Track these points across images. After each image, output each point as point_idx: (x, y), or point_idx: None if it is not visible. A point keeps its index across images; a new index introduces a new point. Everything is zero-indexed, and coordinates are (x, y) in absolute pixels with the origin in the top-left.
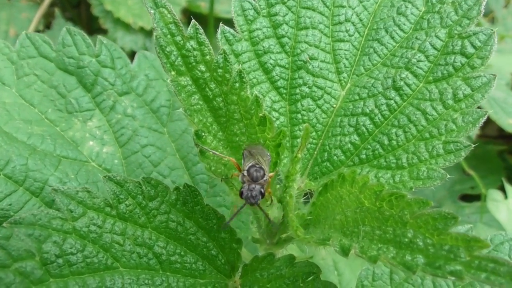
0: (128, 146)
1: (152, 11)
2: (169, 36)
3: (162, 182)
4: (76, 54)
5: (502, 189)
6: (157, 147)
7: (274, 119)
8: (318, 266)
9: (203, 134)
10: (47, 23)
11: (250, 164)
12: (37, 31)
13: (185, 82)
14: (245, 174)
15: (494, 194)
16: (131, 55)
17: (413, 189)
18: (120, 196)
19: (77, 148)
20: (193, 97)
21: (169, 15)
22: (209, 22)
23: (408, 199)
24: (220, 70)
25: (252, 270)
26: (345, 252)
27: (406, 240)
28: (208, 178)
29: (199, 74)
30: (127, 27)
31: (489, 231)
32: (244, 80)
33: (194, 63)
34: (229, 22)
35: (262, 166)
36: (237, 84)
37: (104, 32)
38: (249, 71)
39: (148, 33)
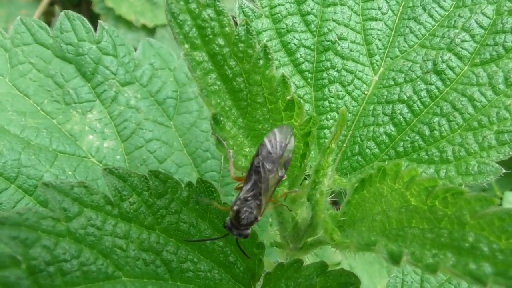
0: (131, 140)
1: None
2: (182, 2)
3: (172, 177)
4: (75, 41)
5: None
6: (163, 142)
7: None
8: (357, 276)
9: (221, 118)
10: (47, 22)
11: (242, 203)
12: None
13: (201, 58)
14: (234, 212)
15: (510, 197)
16: None
17: (462, 186)
18: (123, 192)
19: (76, 143)
20: (209, 76)
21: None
22: None
23: (467, 196)
24: (242, 45)
25: (276, 279)
26: (395, 259)
27: (467, 244)
28: (219, 176)
29: (217, 48)
30: (129, 24)
31: None
32: (269, 57)
33: (211, 36)
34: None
35: (254, 207)
36: (261, 61)
37: None
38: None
39: (150, 31)
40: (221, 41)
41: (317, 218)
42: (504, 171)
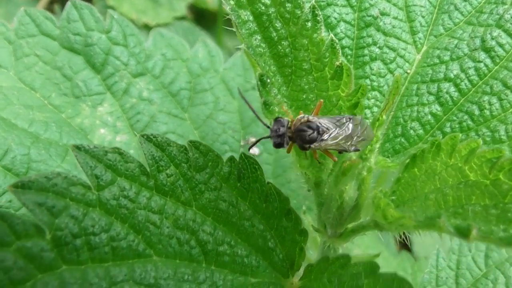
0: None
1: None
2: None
3: (213, 150)
4: (83, 30)
5: None
6: (178, 135)
7: None
8: (410, 284)
9: (268, 80)
10: None
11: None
12: None
13: (246, 17)
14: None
15: None
16: None
17: None
18: (161, 162)
19: (87, 137)
20: (254, 37)
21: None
22: (218, 19)
23: None
24: (289, 5)
25: (319, 272)
26: (463, 233)
27: None
28: None
29: (263, 8)
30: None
31: None
32: (318, 19)
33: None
34: None
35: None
36: (309, 24)
37: None
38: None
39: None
40: (267, 0)
41: (363, 199)
42: None
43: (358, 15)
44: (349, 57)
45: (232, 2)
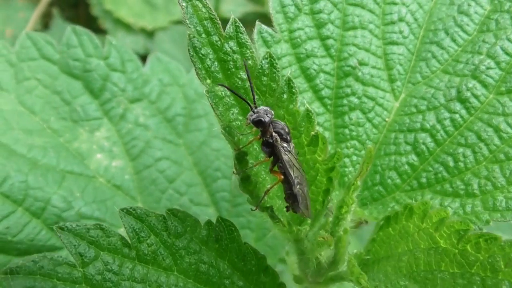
0: (140, 159)
1: (183, 4)
2: (204, 35)
3: (190, 215)
4: (82, 56)
5: None
6: (172, 161)
7: None
8: None
9: (245, 157)
10: (44, 23)
11: None
12: (35, 31)
13: (223, 93)
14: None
15: None
16: None
17: (490, 223)
18: (141, 234)
19: (83, 162)
20: (231, 111)
21: (204, 10)
22: None
23: (501, 242)
24: (265, 78)
25: None
26: None
27: None
28: (230, 196)
29: (240, 82)
30: (127, 27)
31: None
32: (293, 91)
33: (233, 69)
34: None
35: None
36: (285, 96)
37: (103, 32)
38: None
39: (149, 34)
40: (243, 74)
41: (340, 255)
42: None
43: (337, 64)
44: (328, 106)
45: (208, 81)
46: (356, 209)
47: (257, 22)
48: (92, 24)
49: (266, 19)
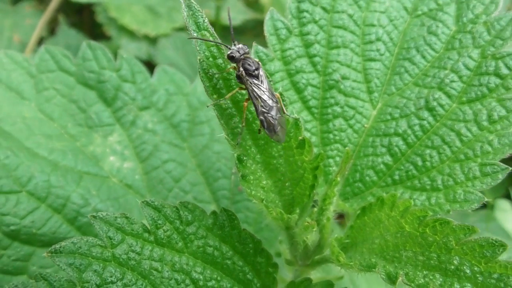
0: (148, 161)
1: (194, 34)
2: (211, 59)
3: (199, 206)
4: (97, 69)
5: (506, 197)
6: (178, 163)
7: None
8: None
9: (244, 158)
10: (51, 29)
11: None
12: (41, 37)
13: (226, 105)
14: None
15: (503, 204)
16: None
17: (450, 212)
18: (158, 221)
19: (98, 164)
20: (233, 120)
21: (211, 38)
22: (214, 29)
23: (453, 225)
24: None
25: None
26: (392, 280)
27: (452, 267)
28: (230, 194)
29: (239, 97)
30: (131, 34)
31: None
32: (284, 103)
33: (235, 86)
34: (235, 29)
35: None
36: None
37: (107, 38)
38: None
39: (151, 41)
40: (243, 90)
41: (324, 240)
42: (486, 199)
43: (323, 79)
44: (315, 115)
45: (215, 96)
46: (339, 202)
47: (253, 44)
48: (96, 29)
49: None
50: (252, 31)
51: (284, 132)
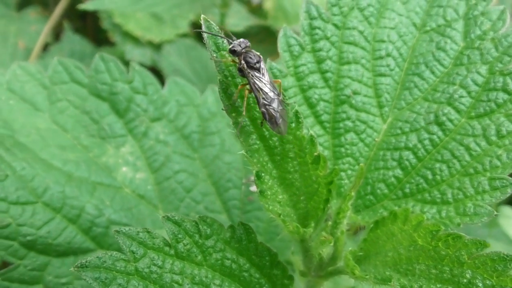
0: (160, 172)
1: (214, 55)
2: (230, 78)
3: (217, 220)
4: (109, 81)
5: (510, 203)
6: (189, 173)
7: None
8: None
9: (262, 174)
10: (56, 35)
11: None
12: (46, 44)
13: (244, 123)
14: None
15: (506, 211)
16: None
17: (460, 226)
18: (179, 235)
19: (111, 174)
20: (251, 137)
21: (230, 58)
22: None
23: (465, 240)
24: None
25: None
26: None
27: (465, 281)
28: (240, 204)
29: (257, 114)
30: (135, 40)
31: (498, 245)
32: (300, 120)
33: (252, 104)
34: (238, 35)
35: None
36: (293, 124)
37: (111, 44)
38: (294, 106)
39: (156, 47)
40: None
41: (338, 253)
42: (495, 213)
43: (334, 94)
44: (327, 129)
45: (234, 114)
46: (351, 215)
47: (268, 60)
48: (99, 35)
49: (269, 32)
50: (256, 37)
51: (286, 124)
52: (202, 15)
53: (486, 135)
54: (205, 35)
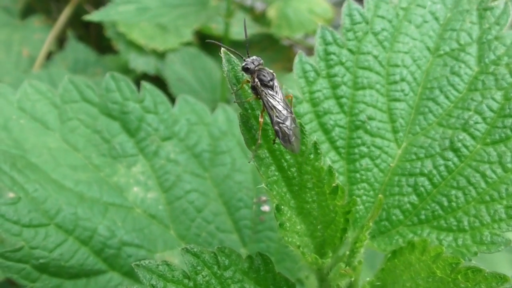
0: (172, 191)
1: (235, 88)
2: (250, 111)
3: (235, 251)
4: (120, 100)
5: None
6: (200, 193)
7: None
8: None
9: (282, 207)
10: (59, 43)
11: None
12: (50, 52)
13: (263, 155)
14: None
15: None
16: (143, 77)
17: (477, 254)
18: (197, 267)
19: (122, 194)
20: (270, 169)
21: (249, 91)
22: (223, 44)
23: (485, 273)
24: None
25: None
26: None
27: None
28: (251, 224)
29: (275, 146)
30: (139, 48)
31: None
32: (318, 151)
33: (271, 136)
34: (242, 44)
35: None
36: (312, 156)
37: (114, 52)
38: (310, 132)
39: (159, 55)
40: (277, 140)
41: (356, 282)
42: None
43: (349, 119)
44: (342, 155)
45: (253, 147)
46: (368, 243)
47: (283, 87)
48: (102, 42)
49: (271, 40)
50: (259, 44)
51: (299, 142)
52: (222, 49)
53: (502, 162)
54: (225, 68)
